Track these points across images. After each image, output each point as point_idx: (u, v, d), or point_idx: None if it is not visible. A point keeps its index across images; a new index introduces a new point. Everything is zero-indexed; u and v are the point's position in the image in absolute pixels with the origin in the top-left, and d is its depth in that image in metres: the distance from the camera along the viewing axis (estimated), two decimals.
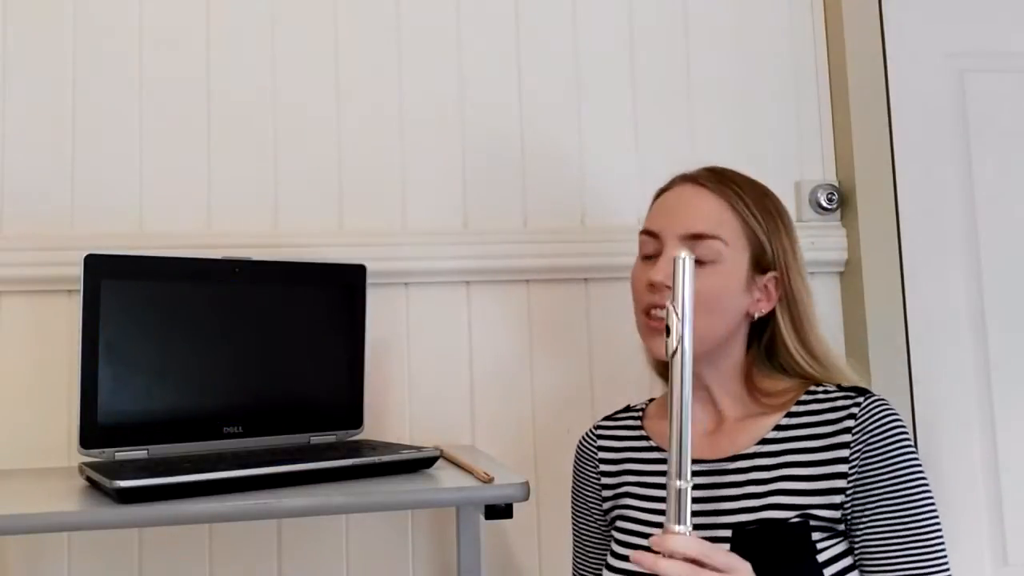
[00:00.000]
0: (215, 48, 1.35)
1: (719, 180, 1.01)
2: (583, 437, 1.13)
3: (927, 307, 1.40)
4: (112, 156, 1.31)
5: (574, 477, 1.13)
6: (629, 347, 1.37)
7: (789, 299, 1.01)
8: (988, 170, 1.44)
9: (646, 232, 1.02)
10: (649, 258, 1.01)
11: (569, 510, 1.15)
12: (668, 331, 0.82)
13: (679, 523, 0.80)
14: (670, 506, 0.81)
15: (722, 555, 0.80)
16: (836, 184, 1.45)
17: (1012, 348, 1.41)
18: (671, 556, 0.78)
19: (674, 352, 0.81)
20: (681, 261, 0.82)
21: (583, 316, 1.38)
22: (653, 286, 0.97)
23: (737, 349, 1.02)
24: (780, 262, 1.00)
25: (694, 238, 0.97)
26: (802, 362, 1.00)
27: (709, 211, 0.98)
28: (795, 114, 1.46)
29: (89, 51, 1.32)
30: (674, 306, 0.81)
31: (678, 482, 0.80)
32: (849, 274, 1.42)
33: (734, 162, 1.07)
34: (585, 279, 1.39)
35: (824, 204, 1.43)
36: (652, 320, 0.97)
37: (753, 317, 1.00)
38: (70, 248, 1.22)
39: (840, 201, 1.44)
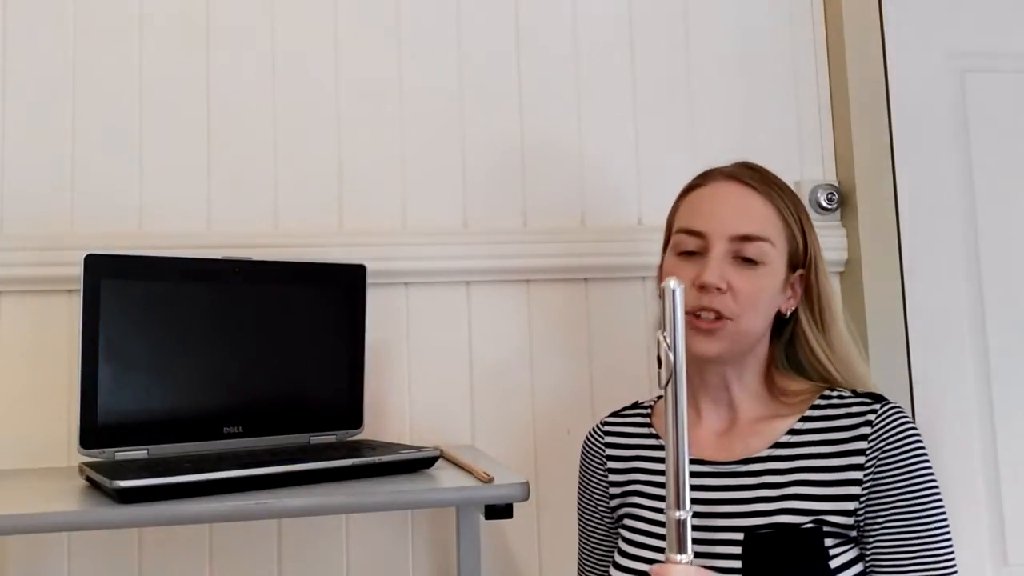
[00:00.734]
0: (215, 48, 1.35)
1: (761, 180, 1.00)
2: (590, 433, 1.12)
3: (927, 307, 1.40)
4: (112, 156, 1.31)
5: (580, 473, 1.13)
6: (629, 347, 1.37)
7: (814, 295, 1.01)
8: (988, 170, 1.44)
9: (688, 231, 0.99)
10: (689, 255, 0.99)
11: (569, 510, 1.15)
12: (660, 362, 0.81)
13: (680, 552, 0.80)
14: (670, 536, 0.80)
15: None
16: (836, 184, 1.45)
17: (1012, 348, 1.41)
18: None
19: (667, 382, 0.80)
20: (671, 292, 0.81)
21: (583, 316, 1.38)
22: (704, 288, 0.95)
23: (762, 347, 1.01)
24: (811, 260, 1.01)
25: (743, 239, 0.96)
26: (823, 359, 1.00)
27: (757, 212, 0.98)
28: (795, 114, 1.46)
29: (89, 51, 1.32)
30: (665, 336, 0.80)
31: (677, 512, 0.80)
32: (849, 274, 1.42)
33: (734, 162, 1.07)
34: (585, 279, 1.39)
35: (824, 204, 1.43)
36: (701, 321, 0.95)
37: (785, 315, 1.01)
38: (70, 248, 1.22)
39: (840, 201, 1.44)
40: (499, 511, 0.97)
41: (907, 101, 1.43)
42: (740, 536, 0.91)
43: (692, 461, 0.98)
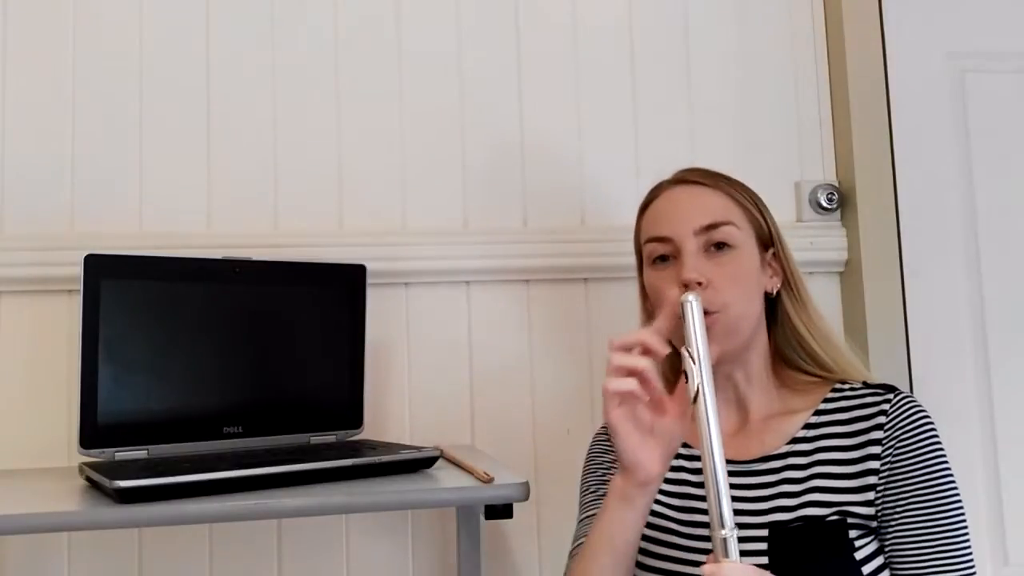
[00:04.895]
0: (215, 48, 1.35)
1: (707, 175, 1.03)
2: (602, 428, 1.10)
3: (927, 307, 1.40)
4: (112, 156, 1.31)
5: (589, 460, 1.09)
6: None
7: (787, 274, 1.03)
8: (988, 170, 1.44)
9: (654, 239, 1.01)
10: (663, 261, 1.00)
11: (569, 510, 1.14)
12: (686, 377, 0.82)
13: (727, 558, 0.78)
14: (717, 551, 0.78)
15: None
16: (836, 184, 1.45)
17: (1012, 348, 1.41)
18: None
19: (695, 397, 0.80)
20: (689, 304, 0.82)
21: (583, 316, 1.38)
22: (686, 286, 0.95)
23: (761, 337, 1.02)
24: (776, 238, 1.03)
25: (709, 228, 0.97)
26: (807, 337, 1.01)
27: (712, 202, 1.00)
28: (795, 114, 1.46)
29: (89, 51, 1.32)
30: (690, 351, 0.81)
31: (722, 532, 0.78)
32: (849, 274, 1.42)
33: (734, 162, 1.08)
34: (585, 279, 1.39)
35: (824, 204, 1.43)
36: None
37: (772, 293, 1.02)
38: (70, 248, 1.22)
39: (840, 201, 1.44)
40: (499, 511, 0.97)
41: (907, 101, 1.43)
42: (764, 533, 0.91)
43: None
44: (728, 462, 0.96)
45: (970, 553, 0.89)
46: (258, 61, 1.36)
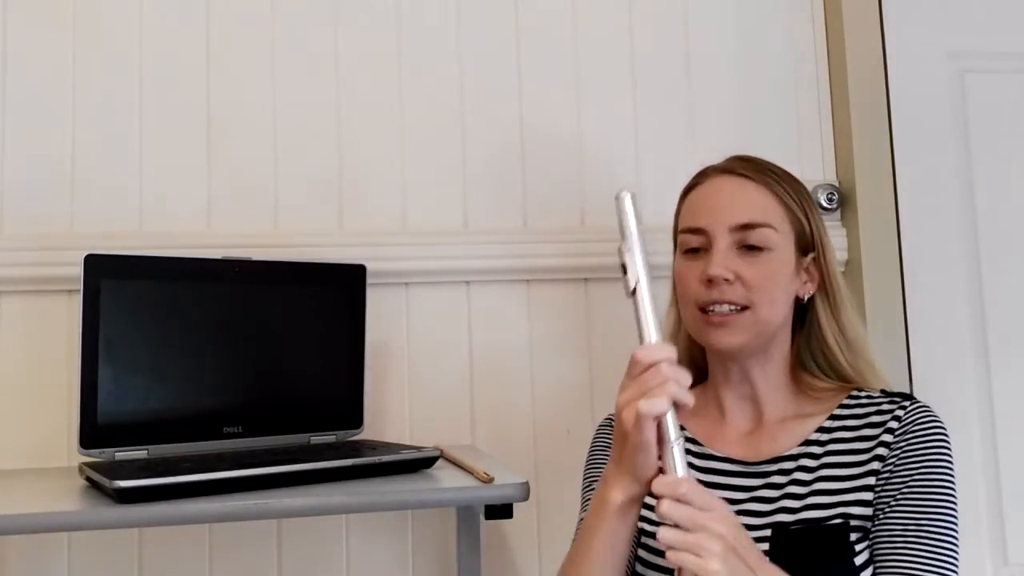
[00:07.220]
0: (215, 48, 1.35)
1: (756, 168, 1.01)
2: (610, 415, 1.09)
3: (927, 307, 1.40)
4: (112, 156, 1.31)
5: (595, 453, 1.08)
6: (629, 347, 1.37)
7: (826, 279, 1.01)
8: (988, 170, 1.44)
9: (689, 229, 1.00)
10: (695, 252, 0.99)
11: (569, 510, 1.14)
12: (624, 269, 0.83)
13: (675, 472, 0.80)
14: (665, 465, 0.80)
15: (704, 496, 0.78)
16: (836, 184, 1.45)
17: (1012, 348, 1.41)
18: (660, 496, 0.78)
19: (634, 290, 0.82)
20: (622, 200, 0.86)
21: (583, 316, 1.38)
22: (711, 282, 0.95)
23: (785, 340, 1.01)
24: (818, 242, 1.01)
25: (744, 228, 0.96)
26: (833, 344, 1.00)
27: (754, 200, 0.98)
28: (795, 114, 1.46)
29: (89, 51, 1.32)
30: (623, 246, 0.84)
31: (673, 442, 0.79)
32: (849, 274, 1.42)
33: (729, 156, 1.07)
34: (585, 279, 1.39)
35: (824, 204, 1.43)
36: (714, 316, 0.95)
37: (803, 299, 1.00)
38: (70, 248, 1.22)
39: (840, 201, 1.44)
40: (499, 511, 0.97)
41: (907, 101, 1.43)
42: (768, 533, 0.91)
43: (721, 459, 0.99)
44: (739, 462, 0.97)
45: (953, 562, 0.88)
46: (257, 61, 1.36)
